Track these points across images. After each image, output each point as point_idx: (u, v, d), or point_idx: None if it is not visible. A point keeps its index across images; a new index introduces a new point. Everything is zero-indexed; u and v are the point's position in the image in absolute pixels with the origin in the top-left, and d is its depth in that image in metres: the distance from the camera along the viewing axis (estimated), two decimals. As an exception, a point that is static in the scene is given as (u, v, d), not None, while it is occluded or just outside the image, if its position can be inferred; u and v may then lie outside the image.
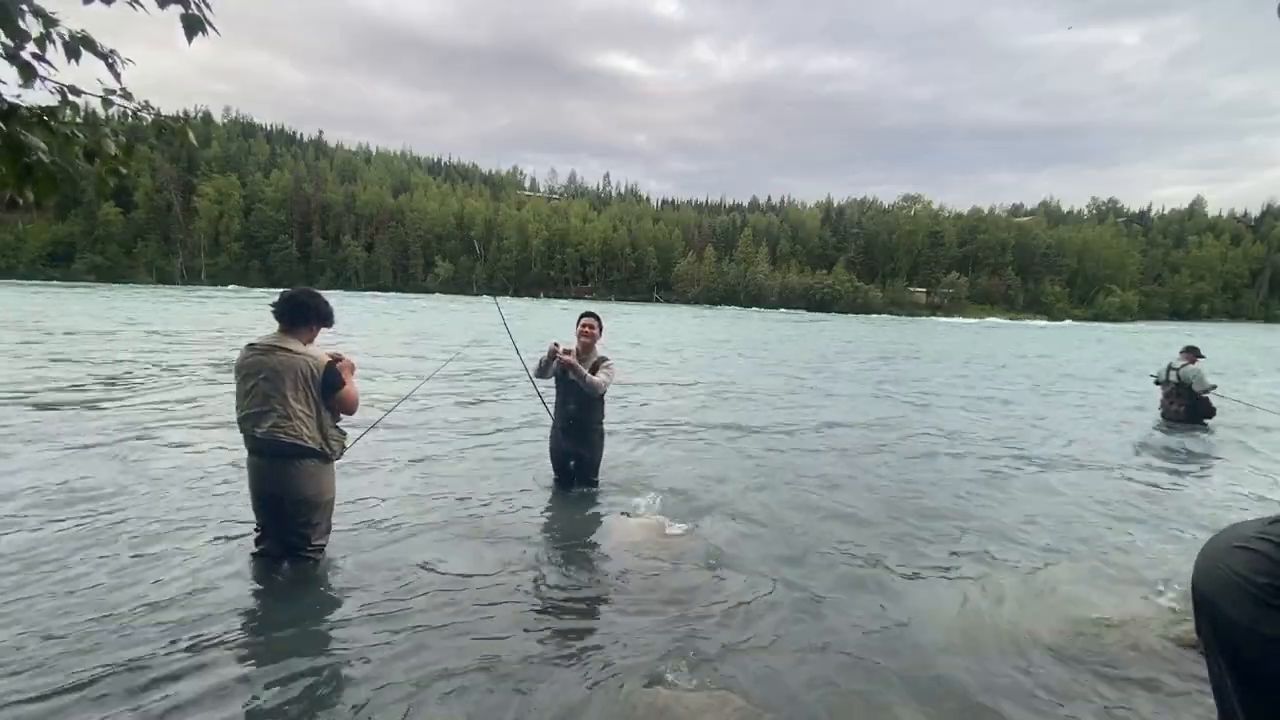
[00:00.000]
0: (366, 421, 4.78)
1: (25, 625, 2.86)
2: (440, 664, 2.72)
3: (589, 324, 4.82)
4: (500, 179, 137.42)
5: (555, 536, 4.25)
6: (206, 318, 25.20)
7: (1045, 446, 7.56)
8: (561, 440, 4.97)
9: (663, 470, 5.80)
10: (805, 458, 6.56)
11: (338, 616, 3.09)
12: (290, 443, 3.14)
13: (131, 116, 2.28)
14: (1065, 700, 2.67)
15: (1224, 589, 0.72)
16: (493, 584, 3.47)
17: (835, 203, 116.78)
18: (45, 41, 1.93)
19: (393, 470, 5.46)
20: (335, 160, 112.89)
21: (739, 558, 3.94)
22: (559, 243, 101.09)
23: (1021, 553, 4.23)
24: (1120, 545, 4.45)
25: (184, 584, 3.31)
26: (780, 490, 5.38)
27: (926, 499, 5.29)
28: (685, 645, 2.94)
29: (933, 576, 3.82)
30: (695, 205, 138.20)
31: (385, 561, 3.67)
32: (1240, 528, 0.76)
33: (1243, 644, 0.70)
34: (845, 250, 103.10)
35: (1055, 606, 3.48)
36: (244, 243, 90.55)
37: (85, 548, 3.68)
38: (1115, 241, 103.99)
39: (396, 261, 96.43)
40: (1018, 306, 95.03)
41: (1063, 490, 5.72)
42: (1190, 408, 8.78)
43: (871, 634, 3.12)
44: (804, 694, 2.63)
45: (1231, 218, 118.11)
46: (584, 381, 4.60)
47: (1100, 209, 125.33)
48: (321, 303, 3.33)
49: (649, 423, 7.96)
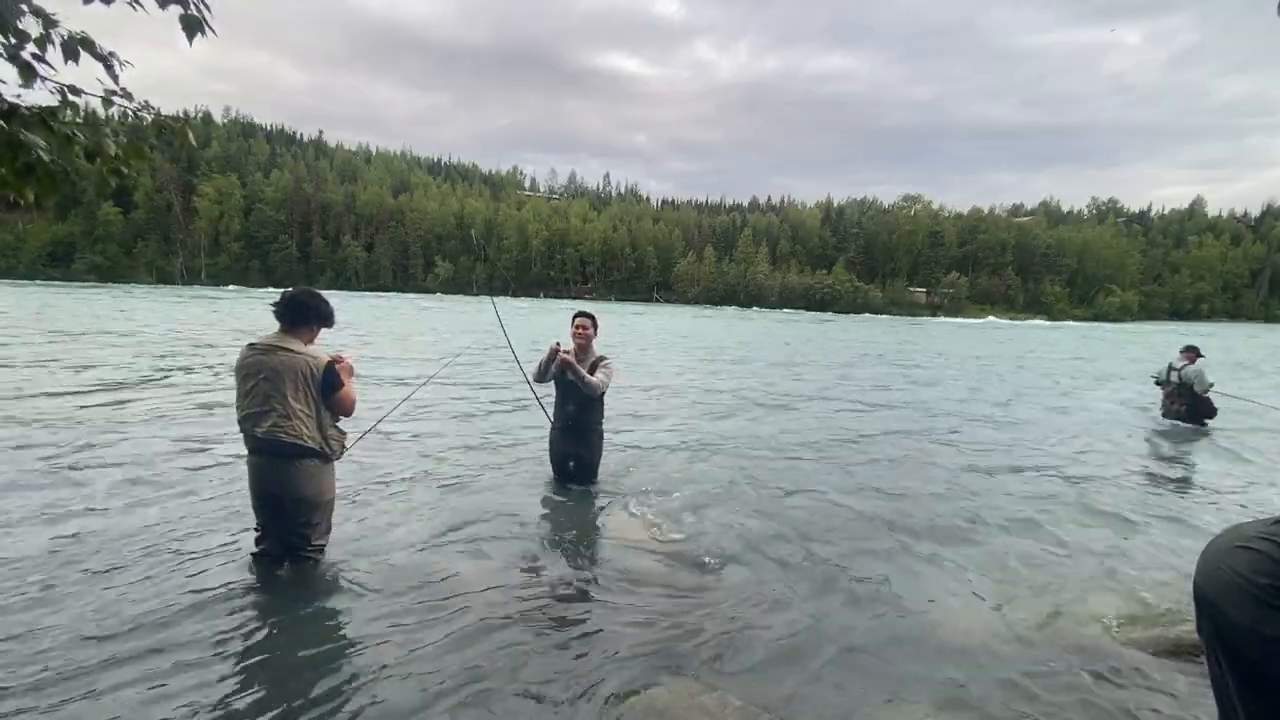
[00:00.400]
0: (366, 422, 4.78)
1: (24, 625, 2.86)
2: (438, 664, 2.71)
3: (583, 324, 4.78)
4: (500, 179, 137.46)
5: (554, 537, 4.24)
6: (217, 318, 25.19)
7: (1046, 447, 7.55)
8: (561, 441, 4.96)
9: (663, 471, 5.80)
10: (807, 459, 6.55)
11: (337, 617, 3.09)
12: (290, 442, 3.14)
13: (132, 116, 2.28)
14: (1065, 701, 2.67)
15: (1226, 590, 0.72)
16: (491, 584, 3.47)
17: (835, 203, 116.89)
18: (45, 42, 1.93)
19: (392, 471, 5.46)
20: (335, 160, 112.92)
21: (739, 558, 3.94)
22: (559, 243, 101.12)
23: (1021, 554, 4.23)
24: (1120, 546, 4.45)
25: (184, 584, 3.30)
26: (781, 492, 5.38)
27: (925, 500, 5.29)
28: (684, 645, 2.94)
29: (932, 578, 3.82)
30: (695, 205, 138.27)
31: (385, 562, 3.67)
32: (1242, 528, 0.76)
33: (1244, 645, 0.70)
34: (845, 250, 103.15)
35: (1055, 607, 3.47)
36: (244, 243, 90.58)
37: (84, 548, 3.68)
38: (1115, 241, 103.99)
39: (396, 261, 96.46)
40: (1017, 306, 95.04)
41: (1063, 491, 5.71)
42: (1191, 408, 8.76)
43: (871, 634, 3.12)
44: (803, 694, 2.63)
45: (1231, 218, 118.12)
46: (583, 382, 4.59)
47: (1100, 209, 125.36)
48: (322, 303, 3.33)
49: (649, 423, 7.96)
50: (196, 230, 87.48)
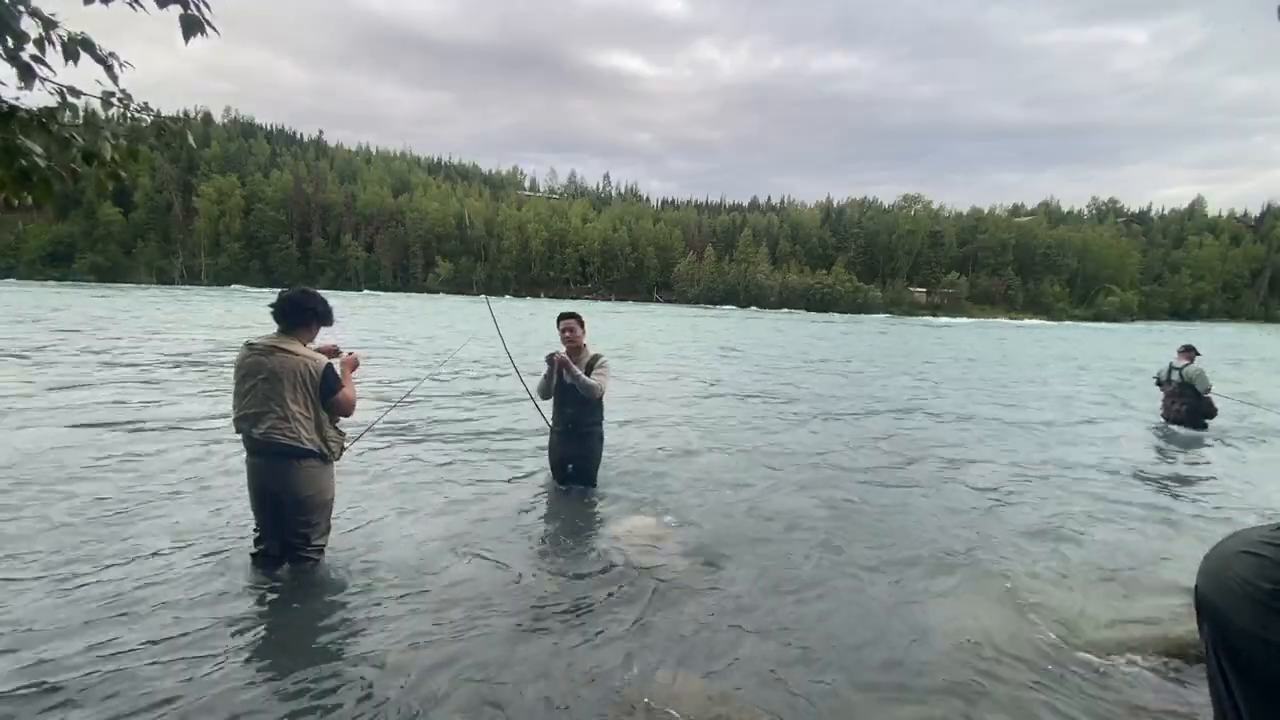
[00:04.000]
0: (365, 422, 4.78)
1: (21, 625, 2.86)
2: (437, 664, 2.71)
3: (569, 326, 4.69)
4: (500, 179, 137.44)
5: (554, 538, 4.24)
6: (228, 318, 25.17)
7: (1047, 448, 7.55)
8: (560, 444, 4.94)
9: (662, 471, 5.79)
10: (808, 460, 6.55)
11: (336, 617, 3.09)
12: (289, 443, 3.14)
13: (131, 118, 2.27)
14: (1064, 701, 2.66)
15: (1229, 594, 0.72)
16: (490, 585, 3.47)
17: (835, 203, 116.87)
18: (44, 43, 1.93)
19: (391, 471, 5.45)
20: (335, 160, 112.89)
21: (739, 558, 3.94)
22: (559, 243, 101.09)
23: (1021, 556, 4.22)
24: (1120, 546, 4.44)
25: (183, 584, 3.30)
26: (782, 493, 5.38)
27: (927, 503, 5.29)
28: (685, 644, 2.94)
29: (933, 579, 3.81)
30: (695, 205, 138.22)
31: (384, 562, 3.67)
32: (1246, 533, 0.76)
33: (1248, 649, 0.70)
34: (845, 250, 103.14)
35: (1053, 609, 3.47)
36: (244, 243, 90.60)
37: (83, 548, 3.68)
38: (1115, 241, 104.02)
39: (396, 261, 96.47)
40: (1017, 306, 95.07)
41: (1063, 491, 5.71)
42: (1193, 408, 8.72)
43: (872, 635, 3.12)
44: (804, 694, 2.62)
45: (1231, 218, 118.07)
46: (580, 383, 4.55)
47: (1100, 209, 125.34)
48: (319, 302, 3.33)
49: (649, 424, 7.95)
50: (196, 230, 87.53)
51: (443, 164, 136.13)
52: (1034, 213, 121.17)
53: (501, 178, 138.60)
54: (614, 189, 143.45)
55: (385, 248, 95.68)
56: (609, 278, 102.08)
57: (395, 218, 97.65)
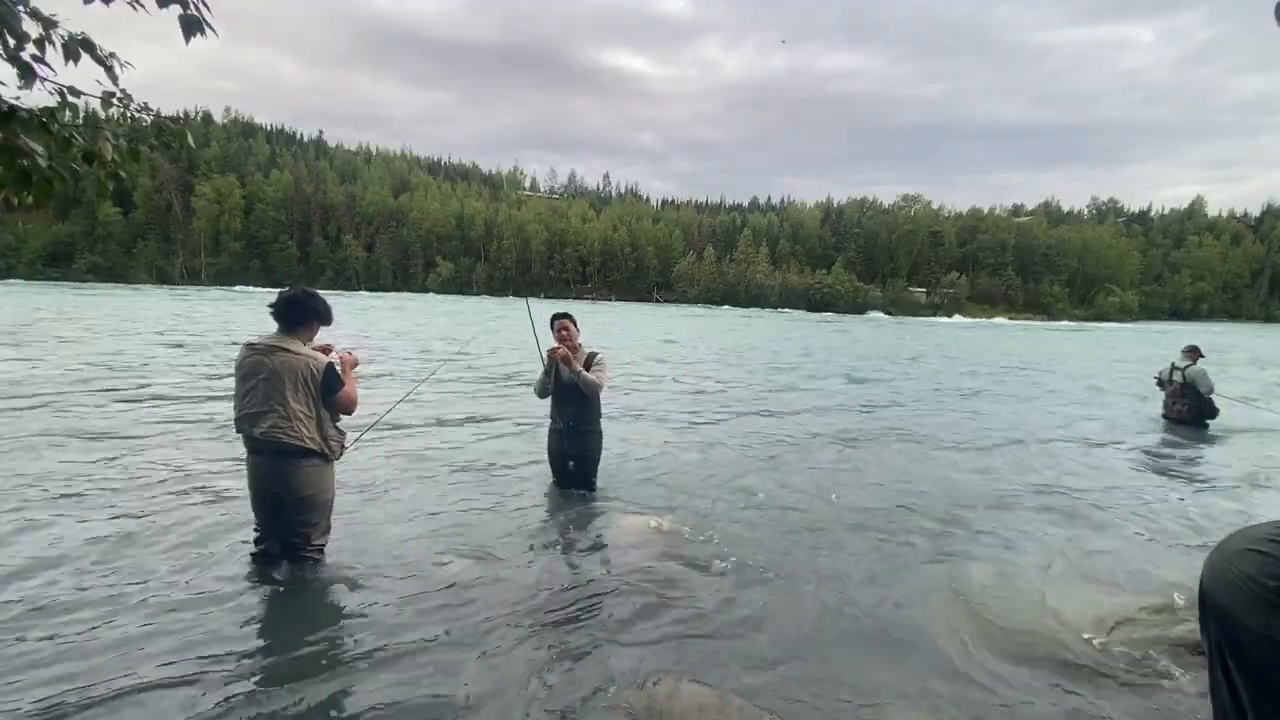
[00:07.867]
0: (365, 422, 4.77)
1: (19, 624, 2.86)
2: (437, 664, 2.71)
3: (564, 325, 4.68)
4: (500, 179, 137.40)
5: (553, 537, 4.24)
6: (241, 318, 25.17)
7: (1047, 448, 7.55)
8: (560, 442, 4.94)
9: (662, 470, 5.79)
10: (809, 460, 6.55)
11: (337, 616, 3.09)
12: (290, 443, 3.14)
13: (131, 118, 2.27)
14: (1064, 700, 2.67)
15: (1234, 592, 0.72)
16: (490, 585, 3.47)
17: (835, 202, 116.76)
18: (45, 43, 1.93)
19: (391, 471, 5.46)
20: (335, 160, 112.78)
21: (740, 558, 3.94)
22: (558, 243, 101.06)
23: (1023, 556, 4.23)
24: (1120, 546, 4.45)
25: (183, 583, 3.30)
26: (783, 492, 5.37)
27: (927, 501, 5.29)
28: (684, 645, 2.94)
29: (934, 579, 3.81)
30: (695, 205, 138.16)
31: (384, 562, 3.67)
32: (1251, 531, 0.76)
33: (1253, 647, 0.70)
34: (845, 250, 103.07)
35: (1056, 610, 3.47)
36: (244, 243, 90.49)
37: (82, 548, 3.68)
38: (1115, 241, 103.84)
39: (397, 262, 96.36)
40: (1017, 306, 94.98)
41: (1063, 491, 5.71)
42: (1194, 409, 8.72)
43: (873, 635, 3.12)
44: (804, 694, 2.63)
45: (1231, 218, 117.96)
46: (580, 379, 4.56)
47: (1100, 209, 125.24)
48: (319, 301, 3.33)
49: (649, 423, 7.95)
50: (196, 230, 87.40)
51: (443, 164, 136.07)
52: (1034, 212, 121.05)
53: (501, 177, 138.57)
54: (614, 189, 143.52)
55: (385, 248, 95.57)
56: (609, 278, 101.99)
57: (395, 218, 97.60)
